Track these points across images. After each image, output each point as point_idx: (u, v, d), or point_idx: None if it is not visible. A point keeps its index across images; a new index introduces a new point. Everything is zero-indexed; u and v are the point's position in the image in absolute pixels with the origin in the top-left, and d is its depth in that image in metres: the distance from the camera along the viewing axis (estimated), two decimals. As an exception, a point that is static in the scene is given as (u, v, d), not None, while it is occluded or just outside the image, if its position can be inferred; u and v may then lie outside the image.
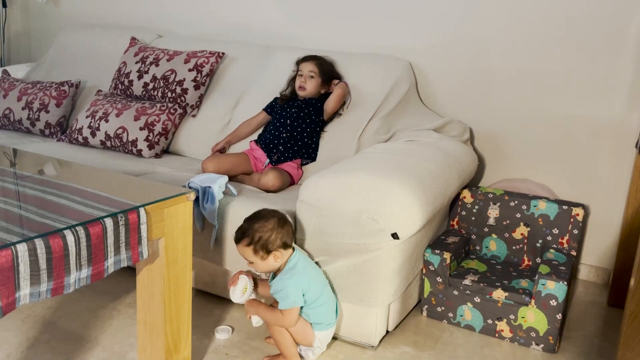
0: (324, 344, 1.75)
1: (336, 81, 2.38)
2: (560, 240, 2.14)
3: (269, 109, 2.45)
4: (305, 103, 2.33)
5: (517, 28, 2.35)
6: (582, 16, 2.23)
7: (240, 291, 1.70)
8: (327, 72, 2.38)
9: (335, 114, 2.37)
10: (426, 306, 2.05)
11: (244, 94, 2.65)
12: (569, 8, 2.24)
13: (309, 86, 2.34)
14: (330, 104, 2.31)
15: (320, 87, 2.36)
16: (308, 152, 2.32)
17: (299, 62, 2.41)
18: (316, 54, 2.52)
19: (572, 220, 2.12)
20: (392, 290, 1.81)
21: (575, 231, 2.12)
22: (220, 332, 1.86)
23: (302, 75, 2.36)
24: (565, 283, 1.81)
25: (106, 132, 2.59)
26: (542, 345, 1.88)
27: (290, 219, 1.70)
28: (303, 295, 1.64)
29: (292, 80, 2.43)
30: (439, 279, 2.00)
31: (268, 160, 2.31)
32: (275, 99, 2.45)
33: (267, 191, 2.15)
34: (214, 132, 2.61)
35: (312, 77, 2.34)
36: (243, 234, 1.63)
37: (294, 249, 1.69)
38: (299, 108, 2.32)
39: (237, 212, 1.87)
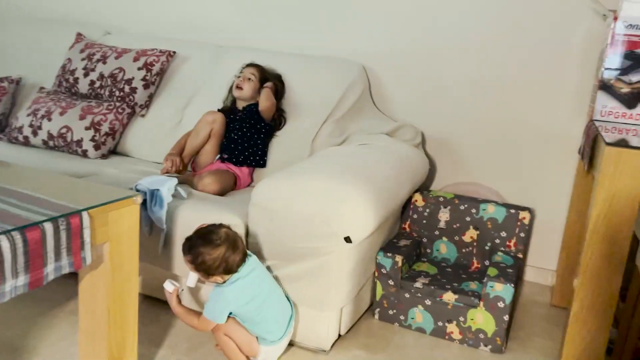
0: (271, 357, 1.72)
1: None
2: (507, 243, 2.19)
3: None
4: (246, 114, 2.30)
5: (468, 35, 2.40)
6: (529, 25, 2.30)
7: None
8: (267, 77, 2.36)
9: (277, 115, 2.34)
10: (378, 309, 2.06)
11: (195, 93, 2.60)
12: (518, 17, 2.31)
13: (245, 86, 2.32)
14: (261, 103, 2.28)
15: (258, 92, 2.33)
16: (256, 160, 2.29)
17: (242, 68, 2.40)
18: (270, 55, 2.50)
19: (519, 223, 2.18)
20: (345, 294, 1.81)
21: (522, 234, 2.18)
22: (169, 284, 1.72)
23: (241, 77, 2.34)
24: (512, 285, 1.86)
25: (49, 131, 2.48)
26: (490, 346, 1.92)
27: (242, 240, 1.65)
28: (230, 314, 1.64)
29: (232, 86, 2.40)
30: (391, 282, 2.01)
31: (218, 156, 2.28)
32: (219, 110, 2.40)
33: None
34: (163, 133, 2.54)
35: (250, 79, 2.33)
36: (189, 250, 1.60)
37: (247, 260, 1.65)
38: (240, 120, 2.29)
39: (187, 216, 1.82)
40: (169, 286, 1.69)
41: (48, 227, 1.19)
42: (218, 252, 1.57)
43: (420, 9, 2.45)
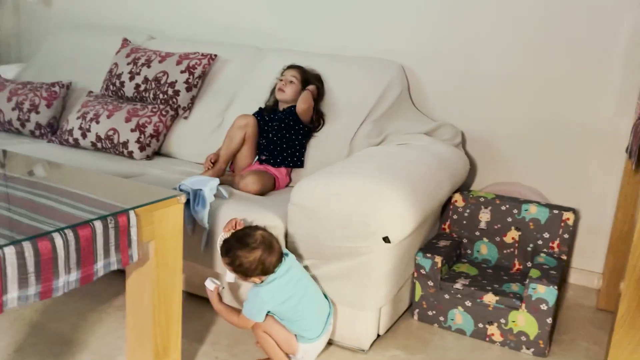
0: (310, 355, 1.74)
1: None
2: (550, 244, 2.15)
3: None
4: (286, 114, 2.33)
5: (509, 33, 2.36)
6: (572, 21, 2.25)
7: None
8: (308, 80, 2.38)
9: (316, 117, 2.36)
10: (417, 310, 2.05)
11: (235, 95, 2.65)
12: (560, 13, 2.26)
13: (288, 90, 2.34)
14: (298, 105, 2.30)
15: (299, 94, 2.35)
16: (294, 161, 2.32)
17: (283, 70, 2.42)
18: (308, 56, 2.53)
19: (562, 224, 2.13)
20: (383, 294, 1.81)
21: (566, 235, 2.13)
22: (210, 282, 1.75)
23: (282, 80, 2.36)
24: (556, 287, 1.82)
25: (97, 133, 2.57)
26: (532, 349, 1.88)
27: (278, 241, 1.67)
28: (268, 312, 1.66)
29: (274, 88, 2.43)
30: (430, 283, 2.00)
31: (257, 158, 2.31)
32: (260, 109, 2.44)
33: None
34: (205, 134, 2.60)
35: (292, 82, 2.35)
36: (226, 253, 1.63)
37: (284, 260, 1.67)
38: (279, 120, 2.32)
39: (228, 215, 1.86)
40: (210, 284, 1.73)
41: (98, 225, 1.24)
42: (255, 255, 1.60)
43: (459, 8, 2.43)
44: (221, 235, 1.72)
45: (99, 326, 1.89)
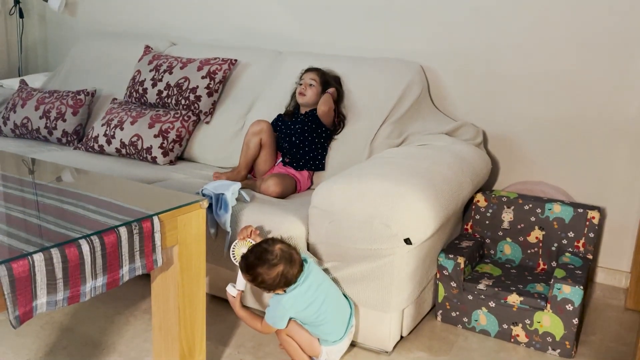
0: (333, 357, 1.74)
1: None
2: (576, 243, 2.12)
3: (273, 127, 2.41)
4: (307, 117, 2.34)
5: (530, 29, 2.33)
6: (595, 15, 2.21)
7: (239, 257, 1.69)
8: (328, 82, 2.39)
9: (337, 120, 2.36)
10: (440, 311, 2.04)
11: (256, 100, 2.67)
12: (584, 8, 2.22)
13: (308, 93, 2.35)
14: (318, 108, 2.30)
15: (319, 96, 2.36)
16: (315, 164, 2.33)
17: (301, 74, 2.43)
18: (327, 59, 2.53)
19: (587, 223, 2.10)
20: (406, 295, 1.81)
21: (591, 234, 2.10)
22: (232, 288, 1.75)
23: (302, 84, 2.37)
24: (582, 287, 1.79)
25: (121, 139, 2.62)
26: (558, 350, 1.86)
27: (298, 252, 1.67)
28: (290, 318, 1.67)
29: (295, 93, 2.45)
30: (453, 284, 1.99)
31: (281, 160, 2.33)
32: (279, 115, 2.45)
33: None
34: (227, 139, 2.63)
35: (311, 85, 2.36)
36: (247, 270, 1.63)
37: (304, 267, 1.67)
38: (302, 123, 2.33)
39: (250, 219, 1.88)
40: (232, 290, 1.73)
41: (123, 231, 1.27)
42: (276, 271, 1.60)
43: (478, 6, 2.41)
44: (235, 242, 1.72)
45: (126, 329, 1.93)
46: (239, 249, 1.71)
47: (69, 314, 2.00)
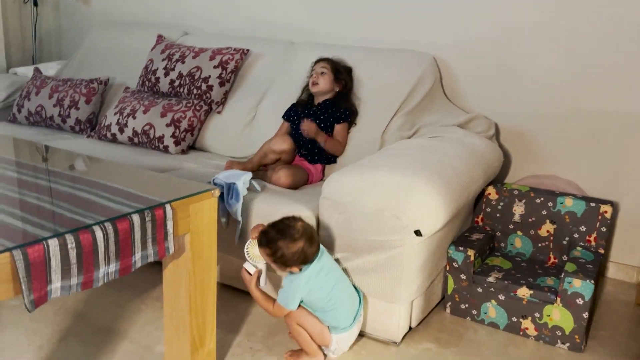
0: (342, 345, 1.75)
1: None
2: (587, 237, 2.11)
3: (287, 116, 2.44)
4: (321, 108, 2.34)
5: (544, 23, 2.31)
6: (609, 10, 2.18)
7: (255, 253, 1.68)
8: (339, 68, 2.38)
9: (350, 110, 2.36)
10: (450, 303, 2.05)
11: (268, 90, 2.67)
12: (597, 2, 2.20)
13: (321, 81, 2.34)
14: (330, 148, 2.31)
15: (333, 83, 2.35)
16: (328, 158, 2.33)
17: (312, 66, 2.42)
18: (340, 49, 2.53)
19: (600, 217, 2.08)
20: (415, 287, 1.81)
21: (604, 229, 2.08)
22: (250, 265, 1.71)
23: (313, 74, 2.37)
24: (592, 281, 1.78)
25: (134, 128, 2.64)
26: (568, 344, 1.86)
27: (316, 231, 1.68)
28: (301, 301, 1.67)
29: (306, 87, 2.44)
30: (463, 276, 1.99)
31: (297, 151, 2.33)
32: (293, 105, 2.45)
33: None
34: (238, 128, 2.63)
35: (323, 73, 2.35)
36: (267, 243, 1.63)
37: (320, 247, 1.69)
38: (315, 115, 2.33)
39: (261, 208, 1.89)
40: (250, 267, 1.69)
41: (136, 218, 1.28)
42: (298, 246, 1.61)
43: (494, -3, 2.39)
44: (248, 242, 1.72)
45: (138, 316, 1.95)
46: (253, 247, 1.70)
47: (81, 301, 2.03)
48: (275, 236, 1.62)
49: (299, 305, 1.69)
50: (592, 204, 2.10)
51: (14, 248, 1.08)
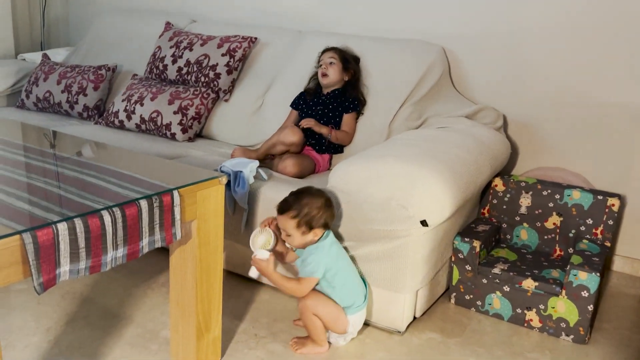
0: (355, 329, 1.77)
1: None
2: (594, 230, 2.10)
3: (295, 105, 2.44)
4: (329, 98, 2.33)
5: (553, 15, 2.29)
6: (619, 1, 2.16)
7: (261, 242, 1.69)
8: (347, 58, 2.37)
9: (359, 99, 2.36)
10: (454, 294, 2.05)
11: (275, 78, 2.67)
12: (611, -8, 2.18)
13: (330, 72, 2.33)
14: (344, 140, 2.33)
15: (342, 73, 2.35)
16: (335, 147, 2.33)
17: (319, 56, 2.41)
18: (348, 38, 2.52)
19: (607, 210, 2.08)
20: (421, 277, 1.82)
21: (610, 222, 2.08)
22: (262, 252, 1.66)
23: (322, 65, 2.36)
24: (598, 274, 1.78)
25: (141, 115, 2.65)
26: (572, 336, 1.86)
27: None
28: (325, 271, 1.67)
29: (314, 76, 2.43)
30: (468, 267, 1.99)
31: (307, 141, 2.32)
32: (301, 93, 2.45)
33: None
34: (245, 117, 2.64)
35: (332, 63, 2.34)
36: (290, 206, 1.64)
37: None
38: (324, 105, 2.32)
39: (267, 196, 1.90)
40: (263, 254, 1.64)
41: (144, 204, 1.29)
42: (321, 201, 1.65)
43: (504, -13, 2.36)
44: (255, 231, 1.72)
45: (144, 301, 1.96)
46: (259, 236, 1.70)
47: (89, 285, 2.05)
48: (299, 195, 1.65)
49: (315, 290, 1.69)
50: (600, 197, 2.09)
51: (23, 231, 1.09)
